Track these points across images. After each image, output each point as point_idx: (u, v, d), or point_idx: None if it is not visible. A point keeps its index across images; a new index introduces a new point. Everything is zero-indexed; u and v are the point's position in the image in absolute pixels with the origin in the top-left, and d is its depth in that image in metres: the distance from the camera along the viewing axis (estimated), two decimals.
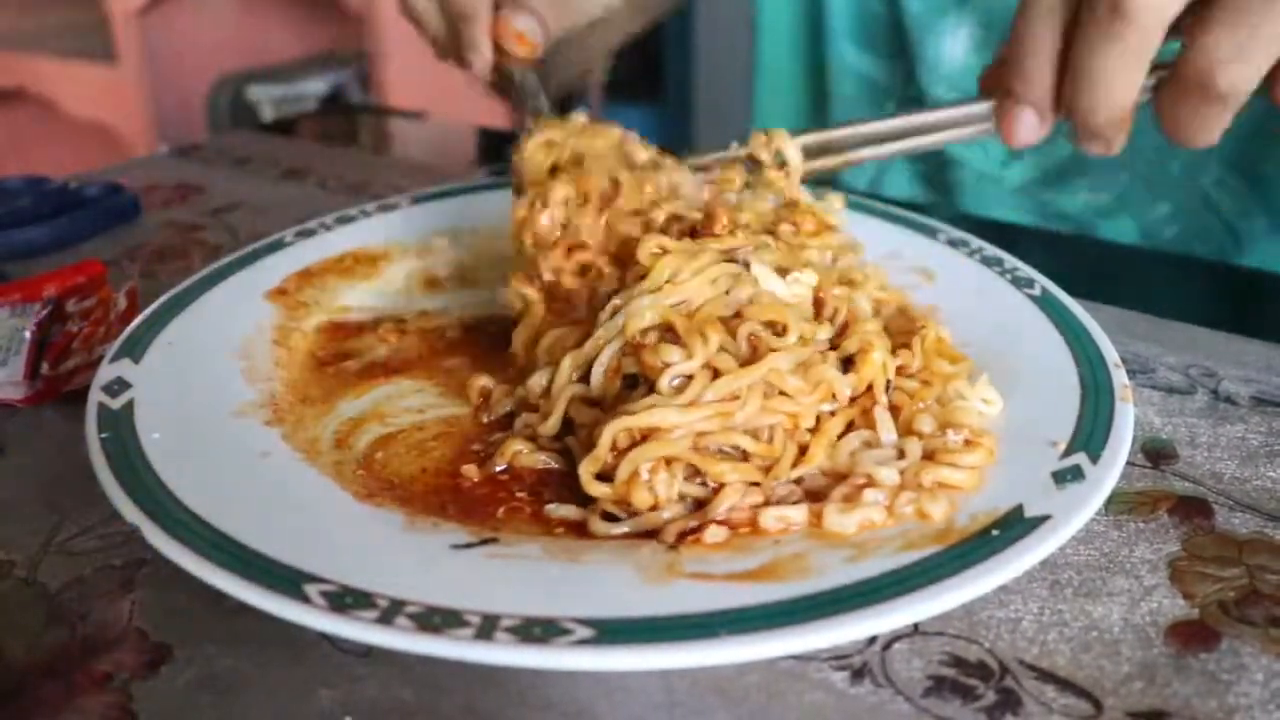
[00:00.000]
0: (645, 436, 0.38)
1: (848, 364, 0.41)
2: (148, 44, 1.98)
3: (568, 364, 0.42)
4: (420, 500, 0.39)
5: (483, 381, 0.46)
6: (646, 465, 0.37)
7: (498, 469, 0.41)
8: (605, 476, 0.38)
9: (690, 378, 0.39)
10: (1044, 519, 0.34)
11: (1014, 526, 0.33)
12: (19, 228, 0.66)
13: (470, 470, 0.41)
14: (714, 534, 0.36)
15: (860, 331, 0.42)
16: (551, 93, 0.56)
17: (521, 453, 0.41)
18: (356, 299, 0.55)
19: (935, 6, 0.75)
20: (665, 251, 0.42)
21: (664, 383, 0.39)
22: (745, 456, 0.38)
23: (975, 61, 0.75)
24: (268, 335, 0.49)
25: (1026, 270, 0.51)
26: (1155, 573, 0.37)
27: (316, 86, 2.01)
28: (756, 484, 0.38)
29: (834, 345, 0.42)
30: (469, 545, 0.35)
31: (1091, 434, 0.38)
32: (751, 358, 0.39)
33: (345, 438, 0.43)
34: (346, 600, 0.30)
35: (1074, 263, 0.67)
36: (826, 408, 0.40)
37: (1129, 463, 0.39)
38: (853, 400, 0.41)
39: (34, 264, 0.63)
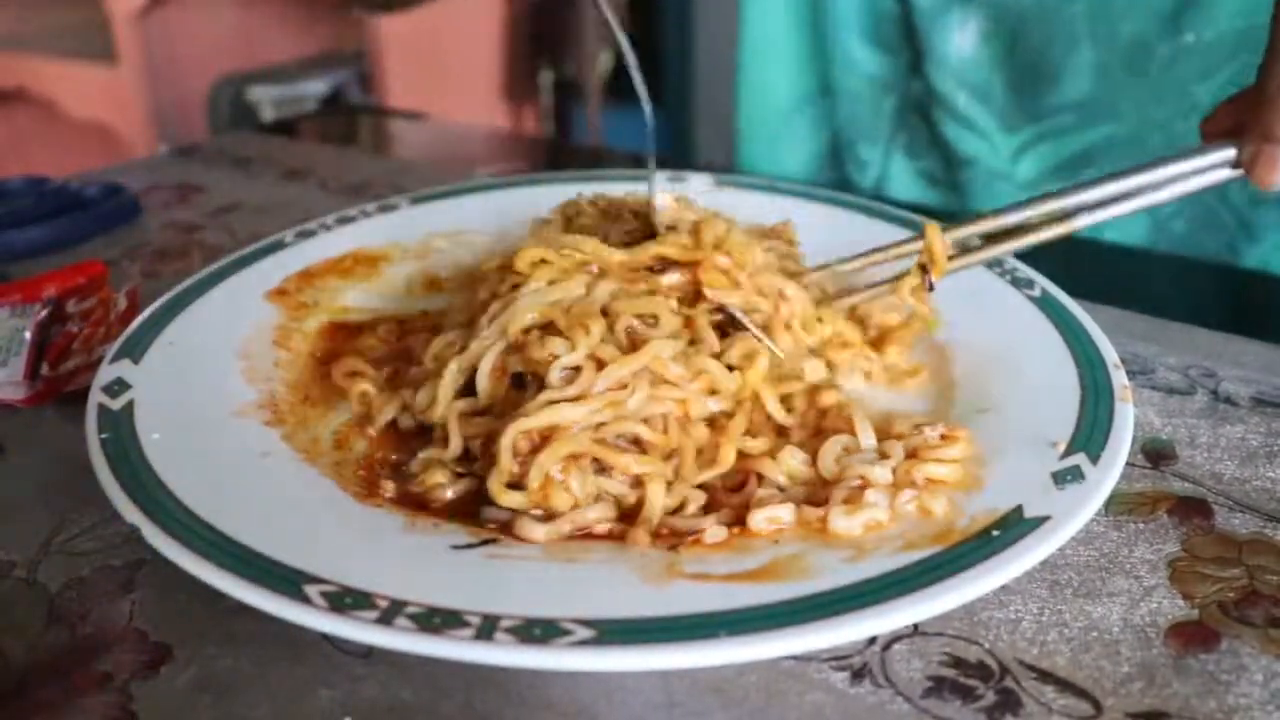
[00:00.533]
0: (546, 438, 0.38)
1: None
2: (148, 44, 1.98)
3: (453, 368, 0.42)
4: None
5: (364, 387, 0.45)
6: (556, 467, 0.37)
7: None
8: (519, 485, 0.38)
9: (578, 370, 0.39)
10: (1044, 519, 0.34)
11: (1014, 527, 0.33)
12: (19, 228, 0.66)
13: (388, 486, 0.40)
14: (715, 534, 0.36)
15: (746, 343, 0.42)
16: None
17: (441, 484, 0.40)
18: (356, 299, 0.55)
19: (942, 1, 0.75)
20: (545, 261, 0.43)
21: (553, 375, 0.39)
22: (644, 450, 0.39)
23: (984, 54, 0.75)
24: (268, 336, 0.49)
25: (1026, 271, 0.51)
26: (1155, 573, 0.37)
27: (316, 87, 2.01)
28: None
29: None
30: (469, 546, 0.35)
31: (1091, 434, 0.38)
32: (631, 349, 0.40)
33: (345, 438, 0.43)
34: (347, 601, 0.30)
35: (1073, 263, 0.67)
36: (714, 405, 0.41)
37: (1129, 463, 0.39)
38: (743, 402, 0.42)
39: (34, 264, 0.63)
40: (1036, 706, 0.31)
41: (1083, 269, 0.65)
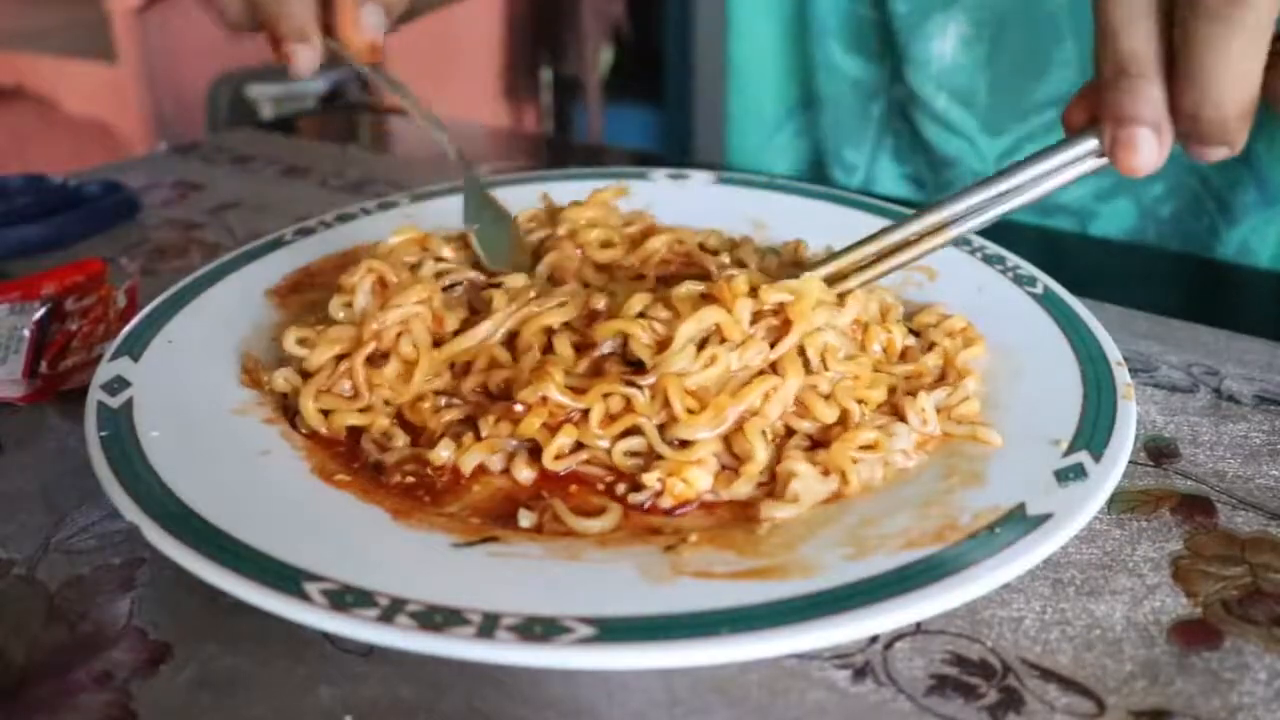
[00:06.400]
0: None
1: None
2: (147, 42, 1.98)
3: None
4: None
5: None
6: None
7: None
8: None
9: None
10: (1046, 517, 0.33)
11: (1016, 525, 0.33)
12: (18, 226, 0.65)
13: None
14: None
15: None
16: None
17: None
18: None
19: (921, 6, 0.75)
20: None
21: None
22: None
23: (966, 59, 0.75)
24: (267, 334, 0.49)
25: (1029, 268, 0.51)
26: (1158, 571, 0.37)
27: (316, 85, 2.01)
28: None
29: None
30: (470, 543, 0.35)
31: (1094, 432, 0.38)
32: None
33: None
34: (347, 599, 0.30)
35: (1075, 260, 0.67)
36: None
37: (1131, 461, 0.39)
38: None
39: (33, 262, 0.63)
40: (1039, 705, 0.31)
41: (1084, 267, 0.65)
